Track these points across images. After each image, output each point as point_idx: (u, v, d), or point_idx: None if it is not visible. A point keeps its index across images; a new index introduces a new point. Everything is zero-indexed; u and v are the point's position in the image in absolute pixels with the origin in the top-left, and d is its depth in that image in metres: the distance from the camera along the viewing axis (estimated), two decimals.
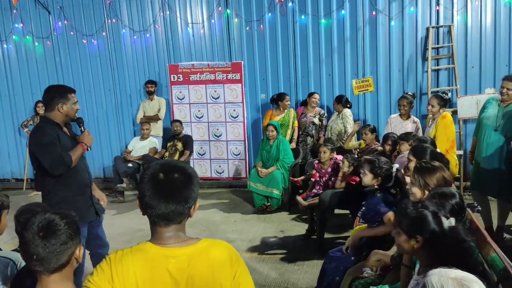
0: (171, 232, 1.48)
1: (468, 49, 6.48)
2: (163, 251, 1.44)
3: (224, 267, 1.49)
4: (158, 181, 1.45)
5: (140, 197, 1.48)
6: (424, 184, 2.64)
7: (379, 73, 6.83)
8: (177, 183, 1.46)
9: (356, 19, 6.79)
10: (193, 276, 1.44)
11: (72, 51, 7.99)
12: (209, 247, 1.50)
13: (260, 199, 6.22)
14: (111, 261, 1.43)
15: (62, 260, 1.53)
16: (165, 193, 1.44)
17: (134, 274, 1.40)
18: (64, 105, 3.21)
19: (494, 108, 4.55)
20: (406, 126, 5.53)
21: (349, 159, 4.88)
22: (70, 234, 1.55)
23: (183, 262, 1.44)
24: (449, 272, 1.42)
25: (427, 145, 3.66)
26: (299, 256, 4.62)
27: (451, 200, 2.36)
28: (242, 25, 7.23)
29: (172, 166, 1.50)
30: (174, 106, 7.50)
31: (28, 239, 1.50)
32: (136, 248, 1.46)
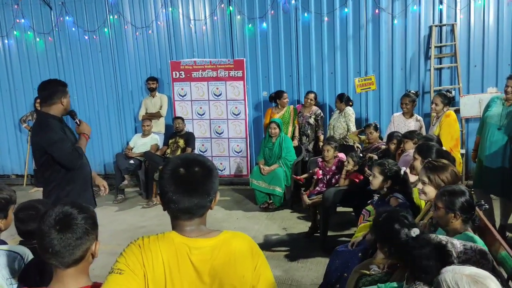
0: (194, 226, 1.50)
1: (471, 48, 6.49)
2: (187, 241, 1.45)
3: (245, 258, 1.51)
4: (180, 176, 1.45)
5: (162, 193, 1.47)
6: (439, 182, 2.63)
7: (381, 71, 6.83)
8: (199, 176, 1.46)
9: (359, 17, 6.79)
10: (216, 267, 1.45)
11: (73, 47, 7.96)
12: (231, 239, 1.51)
13: (262, 196, 6.22)
14: (142, 247, 1.42)
15: (76, 255, 1.51)
16: (188, 187, 1.45)
17: (162, 262, 1.41)
18: (64, 98, 3.33)
19: (498, 107, 4.56)
20: (409, 124, 5.53)
21: (354, 157, 4.88)
22: (86, 229, 1.53)
23: (206, 254, 1.45)
24: (463, 269, 1.43)
25: (433, 143, 3.65)
26: (302, 253, 4.62)
27: (461, 198, 2.36)
28: (245, 22, 7.22)
29: (192, 160, 1.50)
30: (176, 103, 7.49)
31: (44, 231, 1.48)
32: (162, 236, 1.47)
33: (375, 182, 3.48)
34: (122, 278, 1.38)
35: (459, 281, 1.36)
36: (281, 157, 6.17)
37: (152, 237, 1.46)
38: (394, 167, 3.44)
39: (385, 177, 3.42)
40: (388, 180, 3.41)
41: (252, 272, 1.51)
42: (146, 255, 1.41)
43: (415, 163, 3.46)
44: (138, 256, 1.41)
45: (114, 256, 3.97)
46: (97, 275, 4.27)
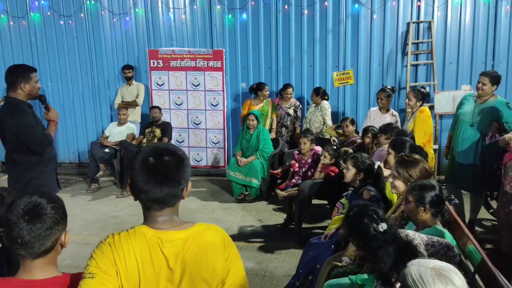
0: (166, 216, 1.48)
1: (447, 46, 6.60)
2: (159, 234, 1.44)
3: (217, 250, 1.50)
4: (150, 165, 1.43)
5: (132, 183, 1.45)
6: (408, 177, 2.68)
7: (359, 66, 6.89)
8: (170, 165, 1.44)
9: (339, 11, 6.81)
10: (187, 259, 1.44)
11: (48, 32, 7.76)
12: (203, 231, 1.50)
13: (238, 188, 6.22)
14: (112, 245, 1.40)
15: (46, 245, 1.48)
16: (159, 176, 1.43)
17: (135, 257, 1.40)
18: (26, 84, 3.29)
19: (470, 104, 4.65)
20: (385, 119, 5.59)
21: (329, 151, 4.92)
22: (56, 219, 1.50)
23: (177, 246, 1.44)
24: (428, 262, 1.45)
25: (406, 138, 3.72)
26: (277, 245, 4.65)
27: (430, 192, 2.40)
28: (225, 12, 7.15)
29: (162, 149, 1.48)
30: (153, 92, 7.40)
31: (12, 222, 1.44)
32: (132, 231, 1.45)
33: (348, 174, 3.54)
34: (94, 282, 1.36)
35: (423, 274, 1.38)
36: (259, 149, 6.18)
37: (122, 234, 1.44)
38: (367, 160, 3.50)
39: (358, 170, 3.48)
40: (360, 173, 3.47)
41: (224, 264, 1.50)
42: (118, 253, 1.39)
43: (388, 158, 3.52)
44: (109, 255, 1.39)
45: (85, 246, 3.93)
46: (68, 265, 4.23)
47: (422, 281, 1.36)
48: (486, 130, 4.47)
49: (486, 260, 2.15)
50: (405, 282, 1.42)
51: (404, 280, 1.43)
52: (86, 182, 7.15)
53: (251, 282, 3.90)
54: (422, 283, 1.36)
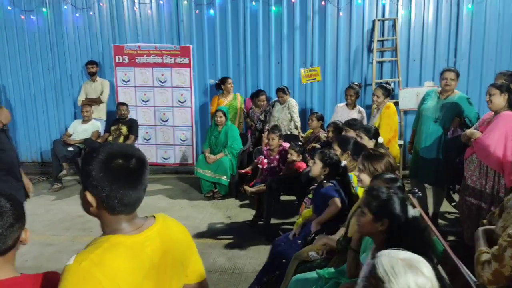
0: (134, 219, 1.44)
1: (411, 43, 6.75)
2: (136, 238, 1.39)
3: (182, 233, 1.59)
4: (123, 168, 1.35)
5: (99, 191, 1.34)
6: (373, 170, 2.73)
7: (326, 63, 6.96)
8: (139, 167, 1.39)
9: (306, 8, 6.85)
10: (167, 250, 1.47)
11: (8, 27, 7.49)
12: (165, 220, 1.53)
13: (207, 185, 6.18)
14: (91, 268, 1.25)
15: (8, 243, 1.43)
16: (133, 179, 1.37)
17: (124, 271, 1.30)
18: None
19: (433, 100, 4.76)
20: (352, 115, 5.67)
21: (296, 148, 4.95)
22: (16, 216, 1.44)
23: (156, 241, 1.43)
24: (398, 253, 1.47)
25: (350, 135, 3.88)
26: (246, 241, 4.64)
27: (394, 184, 2.44)
28: (192, 7, 7.07)
29: (126, 150, 1.41)
30: (119, 89, 7.24)
31: None
32: (110, 245, 1.33)
33: (315, 168, 3.60)
34: None
35: (395, 265, 1.40)
36: (227, 146, 6.15)
37: (97, 251, 1.29)
38: (334, 156, 3.56)
39: (324, 165, 3.52)
40: (326, 168, 3.52)
41: (189, 243, 1.61)
42: (105, 274, 1.25)
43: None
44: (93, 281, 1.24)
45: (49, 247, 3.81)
46: (30, 266, 4.09)
47: (394, 272, 1.37)
48: (448, 125, 4.59)
49: (448, 251, 2.20)
50: (375, 272, 1.43)
51: (373, 270, 1.45)
52: (49, 182, 6.94)
53: (220, 279, 3.88)
54: (393, 273, 1.37)
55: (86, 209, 1.42)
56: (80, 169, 1.40)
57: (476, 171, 4.03)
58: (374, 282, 1.43)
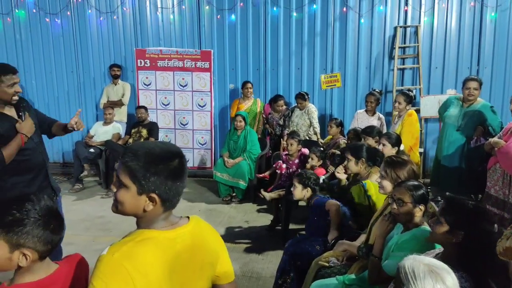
0: (171, 215, 1.51)
1: (433, 50, 6.68)
2: (168, 234, 1.43)
3: (214, 234, 1.63)
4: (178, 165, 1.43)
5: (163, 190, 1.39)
6: (395, 177, 2.70)
7: (347, 69, 6.94)
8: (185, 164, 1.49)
9: (327, 14, 6.85)
10: (197, 250, 1.50)
11: (34, 30, 7.66)
12: (199, 222, 1.57)
13: (225, 189, 6.20)
14: (122, 260, 1.29)
15: None
16: (184, 175, 1.46)
17: (153, 265, 1.34)
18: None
19: (456, 107, 4.71)
20: (372, 122, 5.64)
21: (317, 153, 4.94)
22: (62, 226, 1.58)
23: (187, 240, 1.47)
24: (423, 259, 1.47)
25: (362, 143, 3.86)
26: (264, 246, 4.64)
27: (423, 190, 2.41)
28: (213, 13, 7.14)
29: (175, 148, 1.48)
30: (140, 92, 7.33)
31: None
32: (142, 239, 1.37)
33: (296, 192, 3.71)
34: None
35: (416, 268, 1.41)
36: (246, 150, 6.16)
37: (129, 244, 1.34)
38: (312, 176, 3.70)
39: (304, 186, 3.65)
40: (307, 188, 3.65)
41: (219, 245, 1.64)
42: (134, 266, 1.29)
43: (348, 164, 3.59)
44: (122, 272, 1.28)
45: (69, 246, 3.82)
46: None
47: (414, 275, 1.39)
48: (471, 134, 4.52)
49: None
50: (398, 274, 1.44)
51: (397, 272, 1.45)
52: (70, 182, 7.05)
53: (238, 283, 3.85)
54: (413, 276, 1.39)
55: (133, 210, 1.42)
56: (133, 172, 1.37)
57: (500, 180, 3.95)
58: (397, 284, 1.46)
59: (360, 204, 3.40)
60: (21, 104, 3.04)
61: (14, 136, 2.92)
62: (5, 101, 2.92)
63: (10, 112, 2.99)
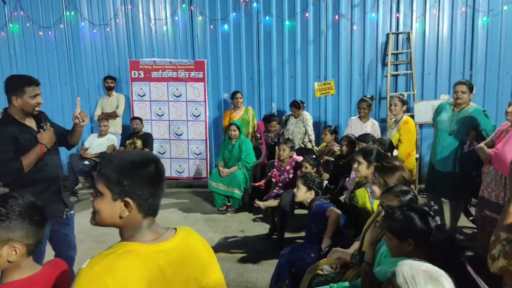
0: (154, 225, 1.46)
1: (426, 56, 6.71)
2: (152, 247, 1.39)
3: (202, 250, 1.56)
4: (155, 172, 1.41)
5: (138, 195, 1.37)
6: (383, 183, 2.69)
7: (340, 76, 6.95)
8: (163, 173, 1.47)
9: (320, 22, 6.88)
10: (182, 265, 1.44)
11: (27, 43, 7.68)
12: (187, 235, 1.52)
13: (221, 199, 6.17)
14: (101, 273, 1.26)
15: None
16: (161, 183, 1.44)
17: (133, 279, 1.30)
18: (18, 98, 2.92)
19: (448, 112, 4.70)
20: (366, 128, 5.64)
21: (309, 161, 4.93)
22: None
23: (172, 255, 1.42)
24: (419, 265, 1.46)
25: (373, 147, 3.78)
26: (259, 255, 4.60)
27: (406, 196, 2.40)
28: (206, 23, 7.17)
29: (154, 157, 1.47)
30: (134, 103, 7.33)
31: None
32: (123, 252, 1.34)
33: (299, 193, 3.69)
34: None
35: (416, 275, 1.39)
36: (241, 160, 6.15)
37: (110, 257, 1.31)
38: (316, 178, 3.70)
39: (308, 188, 3.64)
40: (311, 191, 3.64)
41: (208, 260, 1.57)
42: (114, 279, 1.26)
43: (359, 167, 3.52)
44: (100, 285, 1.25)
45: None
46: None
47: (414, 282, 1.38)
48: (464, 138, 4.51)
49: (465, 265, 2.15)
50: (394, 281, 1.42)
51: (393, 278, 1.43)
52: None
53: None
54: (413, 283, 1.37)
55: (110, 218, 1.41)
56: (108, 178, 1.37)
57: (492, 183, 3.95)
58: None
59: (363, 208, 3.38)
60: (42, 115, 3.13)
61: (33, 147, 2.97)
62: (27, 112, 2.98)
63: (30, 123, 3.05)
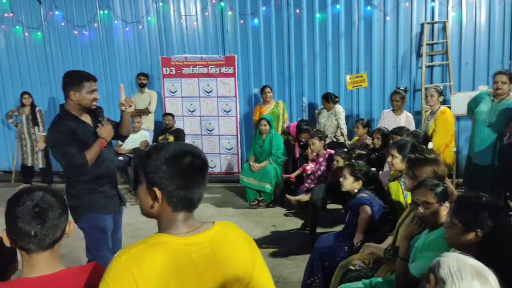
0: (190, 219, 1.43)
1: (462, 46, 6.48)
2: (184, 240, 1.36)
3: (242, 244, 1.47)
4: (191, 164, 1.38)
5: (167, 185, 1.36)
6: (412, 175, 2.61)
7: (373, 68, 6.81)
8: (204, 167, 1.42)
9: (351, 14, 6.76)
10: (217, 260, 1.39)
11: (63, 42, 7.87)
12: (225, 229, 1.46)
13: (252, 193, 6.18)
14: (128, 263, 1.26)
15: (57, 235, 1.52)
16: (198, 178, 1.40)
17: (161, 271, 1.28)
18: (76, 93, 2.91)
19: (487, 103, 4.54)
20: (400, 121, 5.50)
21: (341, 155, 4.85)
22: (62, 209, 1.54)
23: (205, 248, 1.38)
24: (466, 258, 1.41)
25: (408, 140, 3.65)
26: (291, 250, 4.58)
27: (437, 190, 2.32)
28: (236, 18, 7.17)
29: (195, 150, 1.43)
30: (166, 100, 7.42)
31: (22, 215, 1.46)
32: (153, 243, 1.33)
33: (346, 183, 3.58)
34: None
35: (463, 269, 1.35)
36: (272, 154, 6.13)
37: (140, 247, 1.31)
38: (364, 168, 3.57)
39: (355, 178, 3.53)
40: (358, 181, 3.53)
41: (250, 256, 1.47)
42: (139, 268, 1.25)
43: (393, 161, 3.41)
44: (127, 275, 1.25)
45: None
46: None
47: (460, 275, 1.33)
48: (503, 130, 4.34)
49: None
50: (437, 272, 1.38)
51: (435, 269, 1.39)
52: None
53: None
54: (459, 276, 1.33)
55: (146, 207, 1.41)
56: (143, 166, 1.39)
57: None
58: (433, 281, 1.39)
59: (396, 202, 3.30)
60: (99, 110, 3.12)
61: (92, 142, 2.97)
62: (84, 107, 2.99)
63: (86, 119, 3.06)
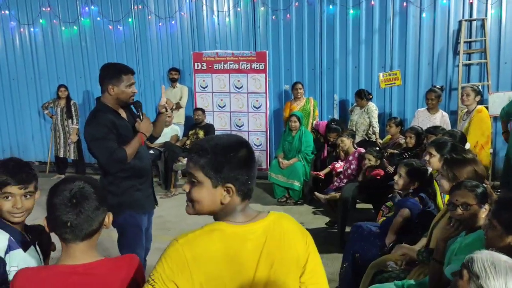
0: (247, 208, 1.44)
1: (502, 44, 6.25)
2: (239, 228, 1.38)
3: (297, 236, 1.46)
4: (248, 156, 1.41)
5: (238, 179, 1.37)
6: (452, 177, 2.51)
7: (407, 66, 6.65)
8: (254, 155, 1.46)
9: (386, 10, 6.62)
10: (271, 249, 1.39)
11: (98, 37, 8.03)
12: (280, 218, 1.46)
13: (280, 190, 6.15)
14: (182, 247, 1.32)
15: (94, 226, 1.52)
16: (255, 166, 1.44)
17: (214, 256, 1.32)
18: (115, 86, 2.83)
19: None
20: (435, 120, 5.35)
21: (373, 153, 4.76)
22: (100, 200, 1.54)
23: (260, 237, 1.38)
24: (500, 255, 1.40)
25: (447, 138, 3.51)
26: (319, 249, 4.35)
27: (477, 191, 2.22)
28: (268, 13, 7.13)
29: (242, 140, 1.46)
30: (197, 95, 7.46)
31: (60, 206, 1.47)
32: (210, 229, 1.36)
33: (401, 182, 3.31)
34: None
35: (497, 264, 1.35)
36: (301, 151, 6.08)
37: (197, 232, 1.35)
38: (422, 168, 3.30)
39: (411, 179, 3.28)
40: (414, 182, 3.28)
41: (304, 249, 1.46)
42: (192, 253, 1.30)
43: (431, 159, 3.29)
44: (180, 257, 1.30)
45: None
46: None
47: (494, 270, 1.34)
48: None
49: None
50: (470, 267, 1.38)
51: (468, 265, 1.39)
52: None
53: None
54: (493, 271, 1.33)
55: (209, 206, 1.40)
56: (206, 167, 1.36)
57: None
58: (466, 276, 1.38)
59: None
60: (138, 104, 3.04)
61: (130, 137, 2.89)
62: (122, 102, 2.91)
63: (122, 113, 2.98)
